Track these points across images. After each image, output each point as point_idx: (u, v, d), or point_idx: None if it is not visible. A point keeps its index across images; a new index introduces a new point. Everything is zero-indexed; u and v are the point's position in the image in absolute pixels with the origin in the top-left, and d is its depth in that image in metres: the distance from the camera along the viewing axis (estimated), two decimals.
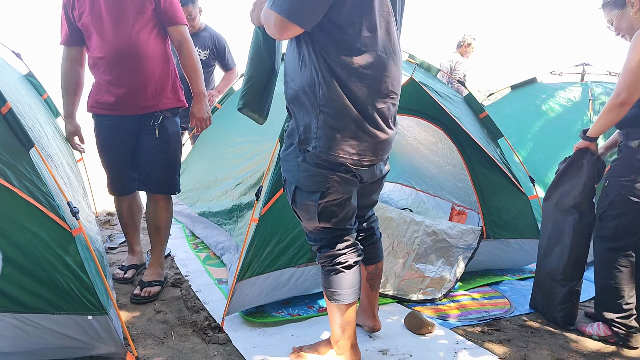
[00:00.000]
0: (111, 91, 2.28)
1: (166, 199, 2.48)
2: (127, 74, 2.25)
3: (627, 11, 2.06)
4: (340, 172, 1.56)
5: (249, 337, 2.01)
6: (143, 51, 2.25)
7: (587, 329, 2.16)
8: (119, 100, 2.28)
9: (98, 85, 2.33)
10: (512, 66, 15.30)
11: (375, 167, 1.67)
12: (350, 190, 1.63)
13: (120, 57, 2.22)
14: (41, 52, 12.65)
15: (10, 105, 1.64)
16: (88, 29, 2.25)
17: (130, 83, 2.25)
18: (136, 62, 2.24)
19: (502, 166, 2.77)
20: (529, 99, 3.93)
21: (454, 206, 3.37)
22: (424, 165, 3.59)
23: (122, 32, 2.21)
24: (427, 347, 1.98)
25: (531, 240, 2.82)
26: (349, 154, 1.54)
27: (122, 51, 2.22)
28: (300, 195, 1.63)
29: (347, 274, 1.67)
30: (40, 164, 1.70)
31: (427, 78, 2.84)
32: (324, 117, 1.51)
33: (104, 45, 2.23)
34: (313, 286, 2.30)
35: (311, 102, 1.52)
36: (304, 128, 1.56)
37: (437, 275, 2.52)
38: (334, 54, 1.47)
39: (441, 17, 30.76)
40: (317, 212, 1.60)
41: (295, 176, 1.61)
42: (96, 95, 2.34)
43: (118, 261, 2.83)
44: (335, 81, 1.49)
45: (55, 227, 1.62)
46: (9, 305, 1.55)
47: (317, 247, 1.72)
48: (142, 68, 2.25)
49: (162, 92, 2.33)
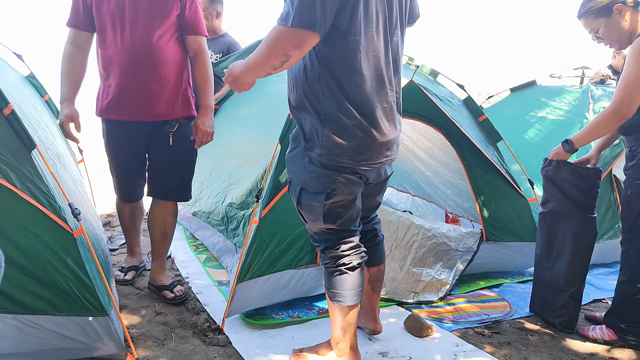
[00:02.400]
0: (124, 95, 2.18)
1: (174, 205, 2.43)
2: (142, 79, 2.15)
3: (615, 19, 2.01)
4: (346, 174, 1.57)
5: (249, 339, 2.01)
6: (162, 56, 2.16)
7: (590, 333, 2.14)
8: (131, 106, 2.19)
9: (109, 87, 2.21)
10: (511, 69, 15.38)
11: (380, 168, 1.68)
12: (356, 191, 1.64)
13: (137, 59, 2.13)
14: (42, 54, 12.67)
15: (13, 107, 1.64)
16: (104, 23, 2.13)
17: (144, 88, 2.17)
18: (153, 67, 2.15)
19: (501, 169, 2.77)
20: (529, 102, 3.94)
21: (447, 213, 3.37)
22: (420, 170, 3.58)
23: (143, 34, 2.11)
24: (427, 350, 1.98)
25: (531, 243, 2.82)
26: (356, 160, 1.55)
27: (140, 54, 2.12)
28: (305, 197, 1.63)
29: (350, 275, 1.67)
30: (42, 165, 1.70)
31: (427, 81, 2.85)
32: (329, 126, 1.52)
33: (122, 45, 2.12)
34: (313, 288, 2.30)
35: (316, 110, 1.53)
36: (309, 135, 1.57)
37: (434, 279, 2.52)
38: (337, 61, 1.48)
39: (441, 19, 30.88)
40: (323, 213, 1.61)
41: (301, 177, 1.62)
42: (107, 99, 2.22)
43: (118, 263, 2.83)
44: (338, 89, 1.49)
45: (56, 228, 1.62)
46: (10, 306, 1.55)
47: (321, 248, 1.72)
48: (159, 74, 2.17)
49: (175, 100, 2.25)
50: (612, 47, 2.12)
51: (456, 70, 12.18)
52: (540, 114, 3.77)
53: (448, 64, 14.20)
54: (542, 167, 2.25)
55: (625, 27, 2.01)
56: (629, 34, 2.03)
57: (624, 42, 2.06)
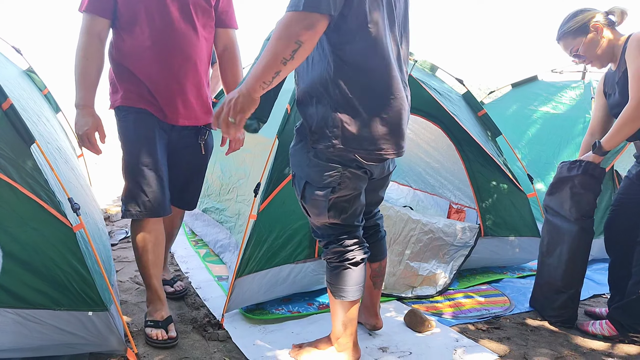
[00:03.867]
0: (154, 91, 1.87)
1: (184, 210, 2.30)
2: (176, 75, 1.87)
3: (593, 36, 2.02)
4: (352, 168, 1.56)
5: (249, 334, 2.01)
6: (199, 52, 1.90)
7: (590, 328, 2.14)
8: (160, 104, 1.88)
9: (135, 82, 1.87)
10: (513, 64, 15.29)
11: (386, 162, 1.67)
12: (360, 186, 1.63)
13: (173, 53, 1.85)
14: (41, 48, 12.64)
15: (12, 101, 1.64)
16: (136, 9, 1.82)
17: (179, 86, 1.88)
18: (191, 64, 1.88)
19: (501, 164, 2.77)
20: (530, 97, 3.93)
21: (451, 204, 3.37)
22: (423, 163, 3.58)
23: (184, 26, 1.85)
24: (427, 345, 1.99)
25: (530, 238, 2.82)
26: (367, 150, 1.52)
27: (177, 47, 1.85)
28: (310, 191, 1.61)
29: (353, 270, 1.67)
30: (41, 159, 1.70)
31: (426, 76, 2.84)
32: (340, 117, 1.48)
33: (162, 32, 1.83)
34: (312, 283, 2.30)
35: (325, 101, 1.49)
36: (316, 127, 1.52)
37: (430, 274, 2.52)
38: (352, 51, 1.44)
39: (442, 14, 30.69)
40: (327, 207, 1.59)
41: (305, 171, 1.59)
42: (131, 86, 1.87)
43: (118, 257, 2.83)
44: (353, 80, 1.46)
45: (56, 223, 1.62)
46: (11, 301, 1.55)
47: (324, 243, 1.71)
48: (194, 71, 1.91)
49: (206, 102, 2.00)
50: (593, 65, 2.12)
51: (457, 65, 12.12)
52: (542, 110, 3.77)
53: (449, 59, 14.16)
54: (561, 168, 2.20)
55: (604, 45, 2.03)
56: (608, 50, 2.04)
57: (604, 58, 2.07)
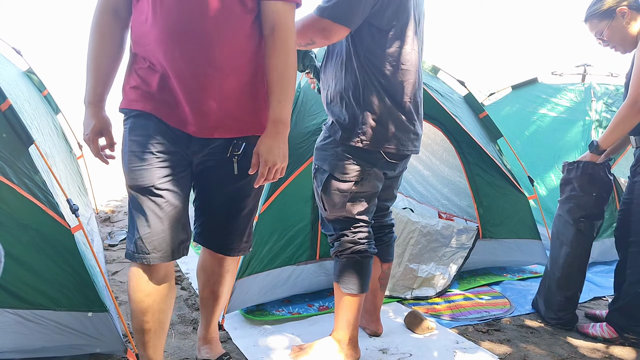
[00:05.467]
0: (169, 90, 1.33)
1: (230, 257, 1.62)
2: (196, 66, 1.29)
3: (618, 21, 2.01)
4: (376, 167, 1.70)
5: (249, 335, 2.01)
6: (233, 38, 1.31)
7: (590, 330, 2.14)
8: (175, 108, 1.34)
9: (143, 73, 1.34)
10: (513, 66, 15.25)
11: (405, 160, 1.81)
12: (378, 186, 1.76)
13: (186, 35, 1.27)
14: (41, 49, 12.65)
15: (10, 102, 1.64)
16: None
17: (203, 81, 1.31)
18: (214, 50, 1.29)
19: (501, 166, 2.76)
20: (530, 99, 3.93)
21: (440, 214, 3.36)
22: (417, 169, 3.55)
23: None
24: (427, 347, 1.98)
25: (530, 240, 2.82)
26: (391, 147, 1.68)
27: (190, 28, 1.27)
28: (333, 184, 1.71)
29: (363, 263, 1.75)
30: (40, 161, 1.70)
31: (427, 77, 2.84)
32: (368, 118, 1.64)
33: (179, 11, 1.26)
34: (313, 285, 2.30)
35: (356, 102, 1.64)
36: (346, 125, 1.66)
37: (430, 275, 2.52)
38: (380, 55, 1.61)
39: (443, 16, 30.44)
40: (347, 200, 1.70)
41: (332, 164, 1.70)
42: (137, 80, 1.35)
43: (118, 258, 2.83)
44: (377, 84, 1.62)
45: (54, 224, 1.62)
46: (11, 301, 1.55)
47: (336, 236, 1.78)
48: (221, 60, 1.31)
49: (245, 105, 1.40)
50: (617, 50, 2.11)
51: (457, 67, 12.08)
52: (542, 112, 3.76)
53: (450, 61, 14.08)
54: (565, 169, 2.19)
55: (629, 30, 2.02)
56: (632, 36, 2.02)
57: (627, 44, 2.06)
